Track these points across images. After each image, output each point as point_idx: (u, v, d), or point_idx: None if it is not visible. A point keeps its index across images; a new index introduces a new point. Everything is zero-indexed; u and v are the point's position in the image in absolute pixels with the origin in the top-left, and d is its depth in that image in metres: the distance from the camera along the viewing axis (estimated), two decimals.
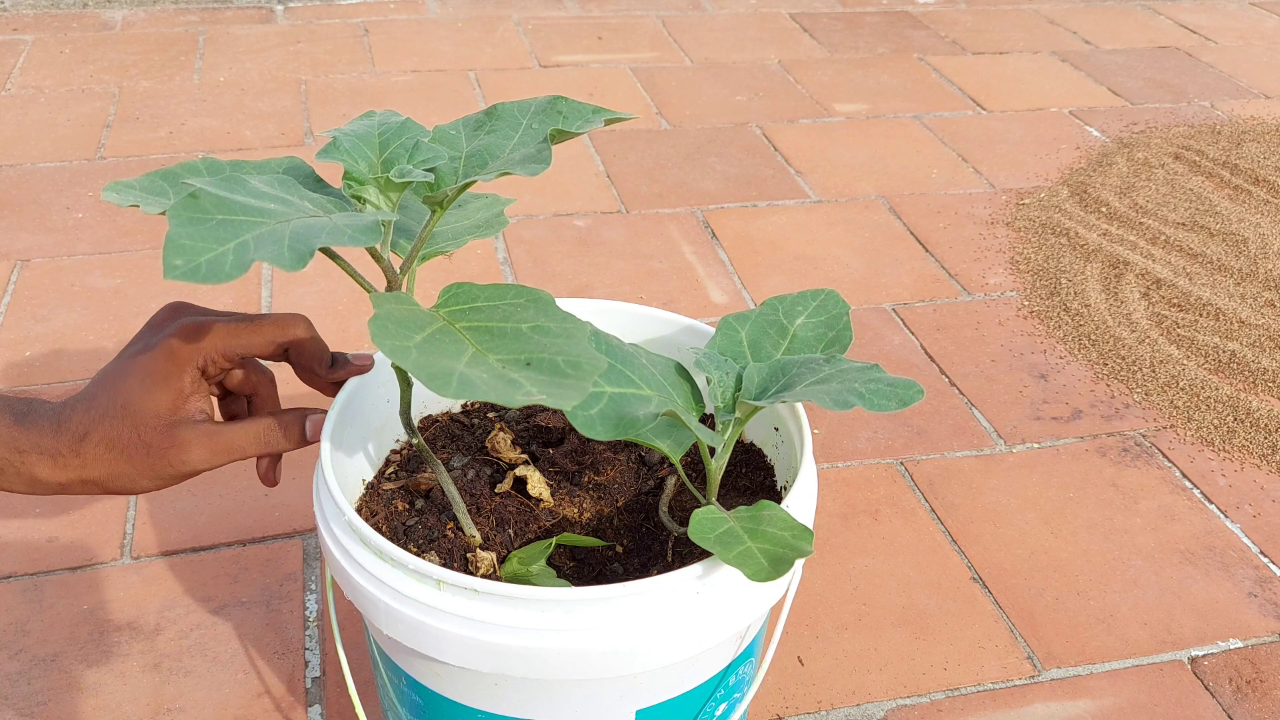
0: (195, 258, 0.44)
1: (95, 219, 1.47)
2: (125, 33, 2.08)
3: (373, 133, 0.58)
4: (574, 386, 0.46)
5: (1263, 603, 0.99)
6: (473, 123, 0.61)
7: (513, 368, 0.47)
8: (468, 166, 0.58)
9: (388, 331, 0.47)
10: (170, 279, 0.44)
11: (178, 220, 0.46)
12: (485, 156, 0.58)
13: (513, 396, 0.45)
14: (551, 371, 0.47)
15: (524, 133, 0.59)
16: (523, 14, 2.26)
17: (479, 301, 0.53)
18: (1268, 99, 2.03)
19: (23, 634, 0.89)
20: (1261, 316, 1.38)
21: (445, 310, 0.53)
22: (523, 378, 0.46)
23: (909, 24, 2.31)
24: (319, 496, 0.61)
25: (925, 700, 0.88)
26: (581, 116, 0.59)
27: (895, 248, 1.50)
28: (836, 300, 0.66)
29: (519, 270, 1.40)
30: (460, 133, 0.60)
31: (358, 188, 0.55)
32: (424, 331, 0.49)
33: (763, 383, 0.60)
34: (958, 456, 1.14)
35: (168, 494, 1.03)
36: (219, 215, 0.47)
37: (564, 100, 0.59)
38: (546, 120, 0.59)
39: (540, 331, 0.50)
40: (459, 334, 0.50)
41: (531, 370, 0.47)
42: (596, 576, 0.63)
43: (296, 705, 0.85)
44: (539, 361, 0.48)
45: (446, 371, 0.46)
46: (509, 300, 0.52)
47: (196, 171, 0.58)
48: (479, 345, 0.49)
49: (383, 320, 0.48)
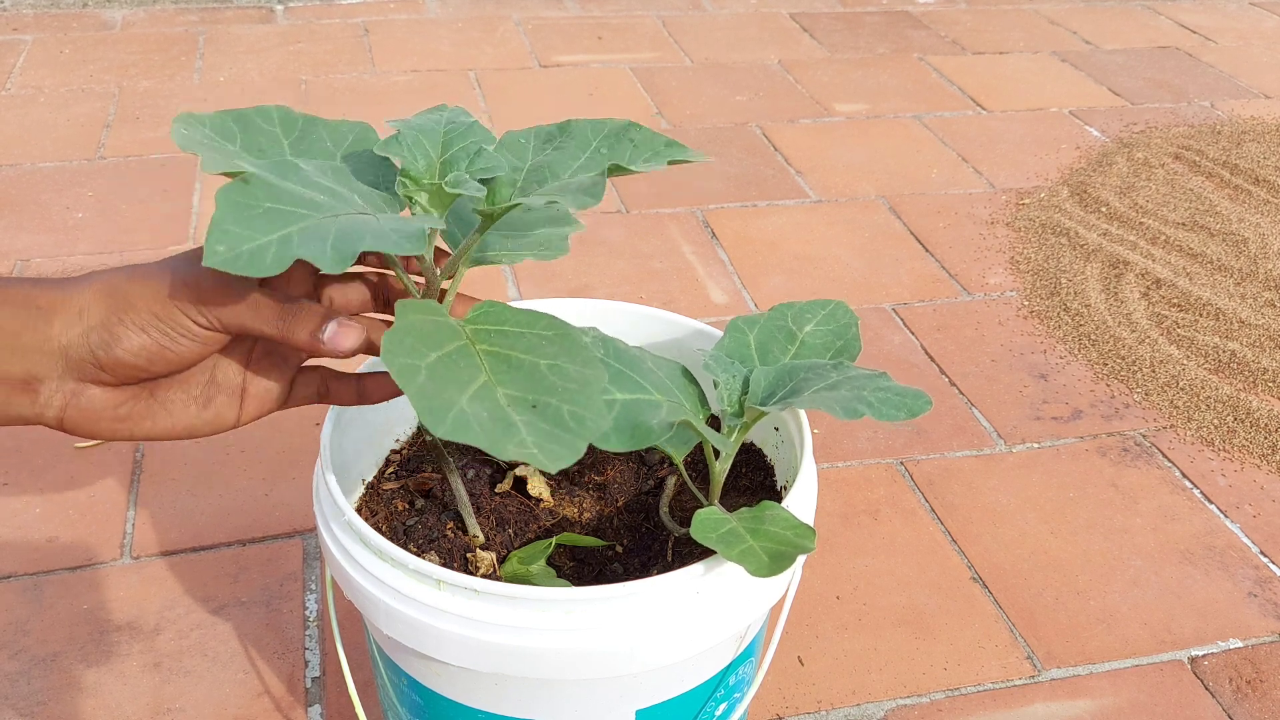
0: (238, 245, 0.44)
1: (95, 219, 1.47)
2: (125, 32, 2.08)
3: (438, 129, 0.56)
4: (569, 444, 0.45)
5: (1263, 603, 0.99)
6: (544, 135, 0.60)
7: (517, 407, 0.46)
8: (527, 180, 0.57)
9: (402, 347, 0.46)
10: (210, 265, 0.43)
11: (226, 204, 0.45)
12: (546, 173, 0.57)
13: (504, 447, 0.44)
14: (554, 422, 0.46)
15: (591, 155, 0.58)
16: (523, 14, 2.26)
17: (508, 325, 0.51)
18: (1268, 99, 2.03)
19: (23, 634, 0.89)
20: (1261, 316, 1.38)
21: (472, 328, 0.51)
22: (521, 423, 0.45)
23: (909, 24, 2.31)
24: (319, 496, 0.61)
25: (925, 700, 0.88)
26: (651, 149, 0.57)
27: (895, 247, 1.50)
28: (845, 311, 0.66)
29: (519, 270, 1.40)
30: (529, 143, 0.59)
31: (412, 189, 0.54)
32: (441, 350, 0.48)
33: (769, 387, 0.60)
34: (958, 456, 1.14)
35: (168, 494, 1.03)
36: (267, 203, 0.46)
37: (637, 128, 0.58)
38: (617, 145, 0.58)
39: (557, 373, 0.48)
40: (476, 357, 0.48)
41: (535, 415, 0.46)
42: (596, 576, 0.63)
43: (296, 705, 0.85)
44: (545, 406, 0.46)
45: (446, 405, 0.44)
46: (538, 330, 0.51)
47: (269, 117, 0.57)
48: (493, 374, 0.48)
49: (400, 334, 0.47)
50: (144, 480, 1.05)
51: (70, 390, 0.51)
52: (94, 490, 1.04)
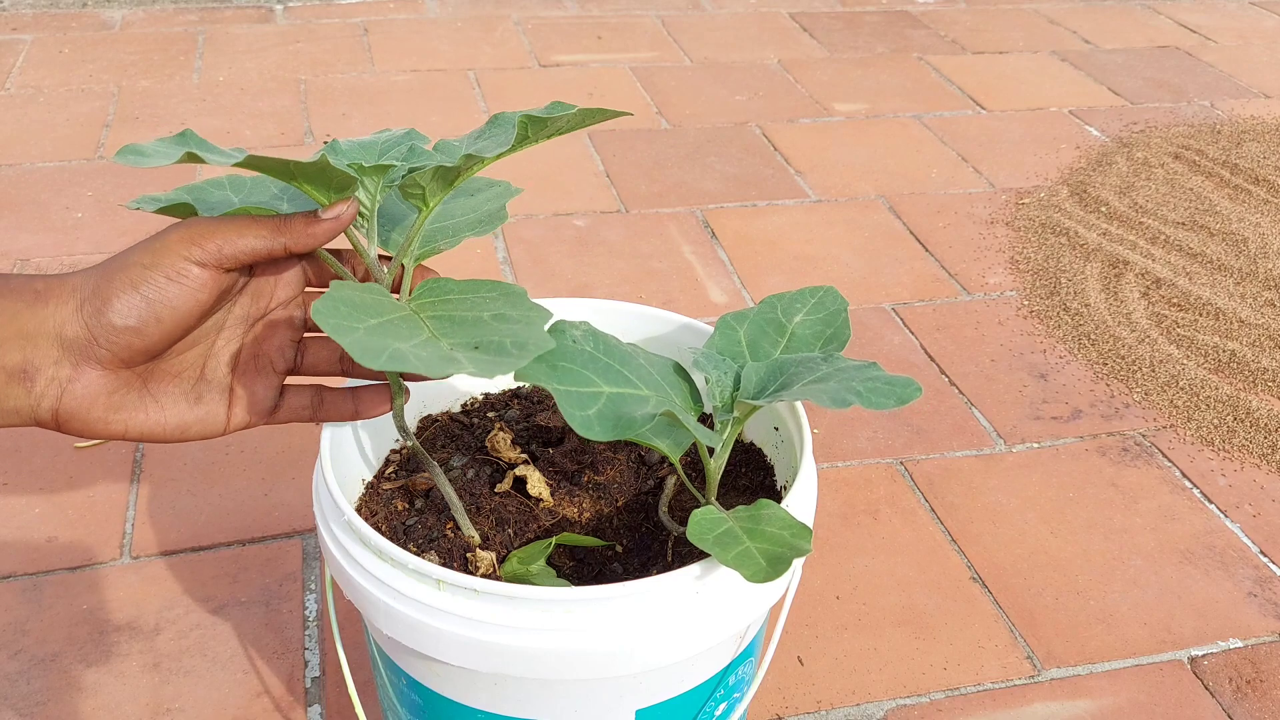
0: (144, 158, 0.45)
1: (95, 219, 1.47)
2: (125, 32, 2.08)
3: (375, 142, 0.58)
4: (509, 365, 0.45)
5: (1263, 603, 0.99)
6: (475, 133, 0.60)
7: (460, 349, 0.47)
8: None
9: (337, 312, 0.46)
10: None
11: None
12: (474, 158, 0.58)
13: (442, 368, 0.44)
14: (497, 352, 0.46)
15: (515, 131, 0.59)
16: (522, 13, 2.26)
17: (452, 294, 0.53)
18: (1268, 99, 2.03)
19: (22, 634, 0.89)
20: (1261, 316, 1.38)
21: (416, 302, 0.52)
22: (465, 359, 0.46)
23: (909, 24, 2.31)
24: (319, 496, 0.61)
25: (925, 700, 0.88)
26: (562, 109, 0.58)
27: (895, 247, 1.50)
28: (835, 297, 0.66)
29: (519, 270, 1.40)
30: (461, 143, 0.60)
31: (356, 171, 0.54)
32: (381, 318, 0.48)
33: (761, 382, 0.60)
34: (957, 456, 1.14)
35: (167, 494, 1.03)
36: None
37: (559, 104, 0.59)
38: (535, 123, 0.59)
39: (500, 319, 0.49)
40: (421, 321, 0.49)
41: (478, 353, 0.46)
42: (596, 576, 0.63)
43: (296, 705, 0.85)
44: (487, 344, 0.47)
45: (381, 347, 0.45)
46: (482, 293, 0.52)
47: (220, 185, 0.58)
48: (436, 331, 0.48)
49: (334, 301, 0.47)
50: (144, 480, 1.05)
51: (65, 378, 0.51)
52: (94, 490, 1.04)
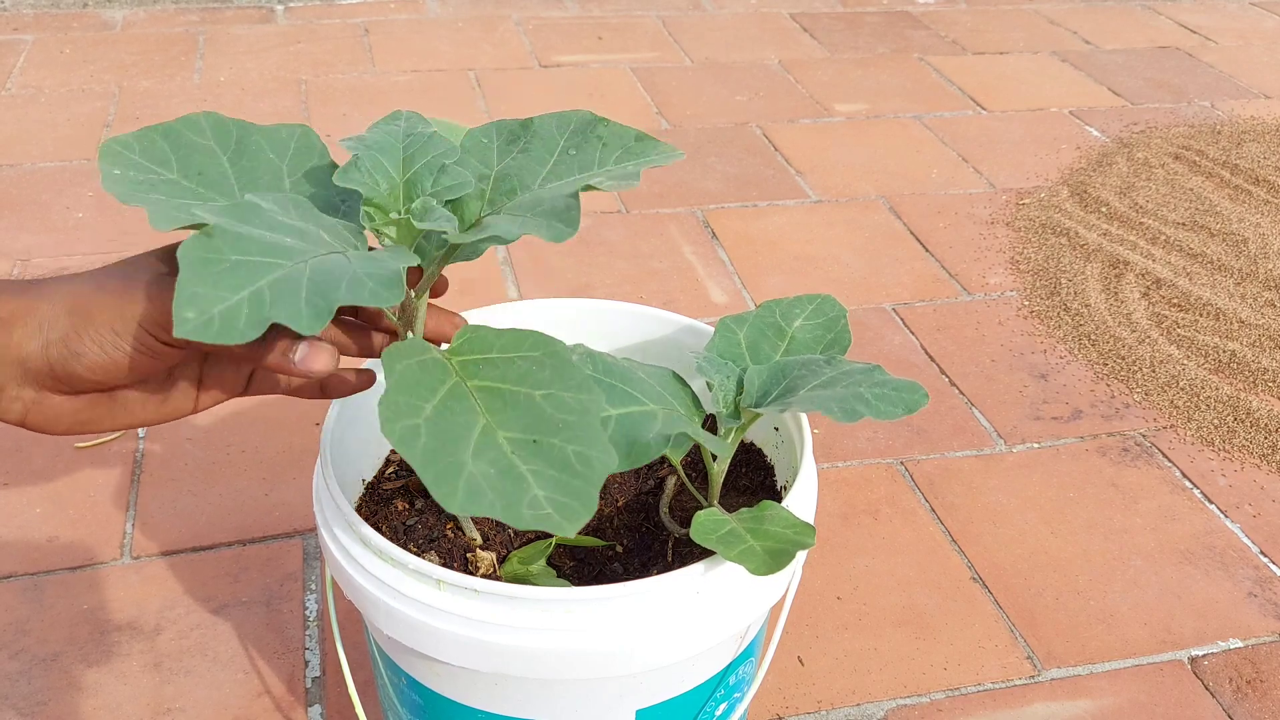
0: (209, 308, 0.42)
1: (95, 219, 1.47)
2: (125, 32, 2.08)
3: (397, 145, 0.55)
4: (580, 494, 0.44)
5: (1263, 603, 0.99)
6: (506, 133, 0.58)
7: (521, 452, 0.45)
8: (495, 192, 0.56)
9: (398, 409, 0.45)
10: (182, 335, 0.41)
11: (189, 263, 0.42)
12: (514, 183, 0.56)
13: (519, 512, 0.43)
14: (561, 467, 0.45)
15: (559, 158, 0.56)
16: (523, 14, 2.26)
17: (493, 352, 0.50)
18: (1268, 99, 2.03)
19: (23, 634, 0.90)
20: (1261, 316, 1.38)
21: (458, 360, 0.50)
22: (529, 473, 0.45)
23: (909, 24, 2.31)
24: (319, 496, 0.61)
25: (925, 700, 0.88)
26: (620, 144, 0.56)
27: (895, 248, 1.50)
28: (833, 304, 0.66)
29: (519, 270, 1.40)
30: (492, 143, 0.58)
31: (380, 221, 0.53)
32: (436, 396, 0.47)
33: (764, 386, 0.60)
34: (958, 456, 1.14)
35: (168, 494, 1.03)
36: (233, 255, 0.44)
37: (605, 123, 0.57)
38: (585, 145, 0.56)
39: (552, 402, 0.48)
40: (470, 396, 0.48)
41: (540, 460, 0.45)
42: (596, 576, 0.63)
43: (296, 705, 0.85)
44: (548, 449, 0.46)
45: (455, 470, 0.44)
46: (524, 352, 0.50)
47: (198, 128, 0.55)
48: (489, 414, 0.47)
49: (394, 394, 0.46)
50: (144, 480, 1.05)
51: (30, 398, 0.51)
52: (94, 490, 1.04)
